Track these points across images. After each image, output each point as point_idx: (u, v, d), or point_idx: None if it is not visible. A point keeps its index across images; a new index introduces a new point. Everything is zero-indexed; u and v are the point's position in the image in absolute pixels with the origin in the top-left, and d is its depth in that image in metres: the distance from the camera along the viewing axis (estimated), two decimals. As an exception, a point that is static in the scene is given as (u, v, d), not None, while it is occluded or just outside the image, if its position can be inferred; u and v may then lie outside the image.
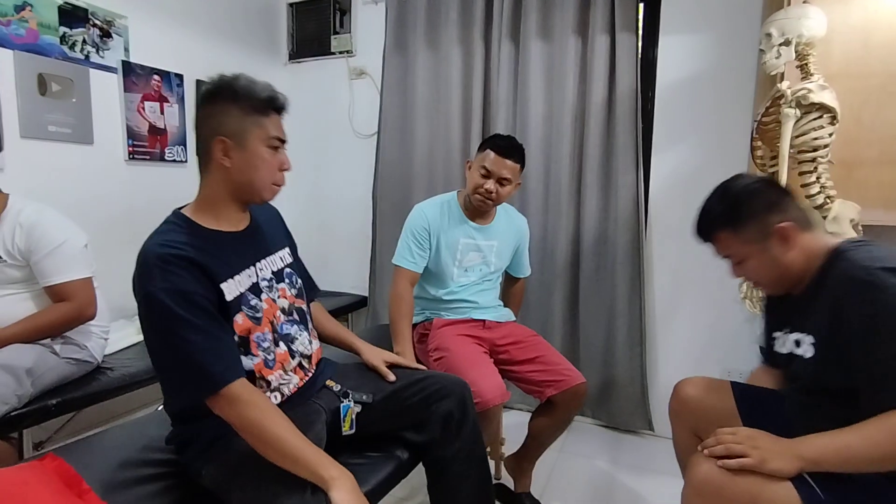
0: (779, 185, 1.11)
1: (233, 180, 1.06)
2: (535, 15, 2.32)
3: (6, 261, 1.51)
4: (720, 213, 1.11)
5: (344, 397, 1.23)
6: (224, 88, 1.04)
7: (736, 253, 1.12)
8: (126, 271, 2.35)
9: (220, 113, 1.04)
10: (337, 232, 2.99)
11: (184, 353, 0.94)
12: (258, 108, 1.05)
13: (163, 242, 0.98)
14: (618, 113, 2.23)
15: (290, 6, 2.97)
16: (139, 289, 0.97)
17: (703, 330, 2.27)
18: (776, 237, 1.06)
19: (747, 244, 1.09)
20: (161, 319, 0.95)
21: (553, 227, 2.39)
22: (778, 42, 1.57)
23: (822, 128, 1.55)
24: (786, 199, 1.09)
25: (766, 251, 1.07)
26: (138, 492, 1.05)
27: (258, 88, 1.05)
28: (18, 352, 1.47)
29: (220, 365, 0.96)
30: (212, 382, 0.95)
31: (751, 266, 1.11)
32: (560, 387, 1.61)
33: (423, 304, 1.83)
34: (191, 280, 0.97)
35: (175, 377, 0.99)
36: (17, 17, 1.85)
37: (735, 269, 1.15)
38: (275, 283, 1.17)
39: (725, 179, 1.16)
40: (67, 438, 1.75)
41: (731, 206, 1.10)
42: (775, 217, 1.06)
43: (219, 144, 1.03)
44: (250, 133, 1.04)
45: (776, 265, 1.08)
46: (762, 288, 1.18)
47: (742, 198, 1.09)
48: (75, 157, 2.05)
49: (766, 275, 1.12)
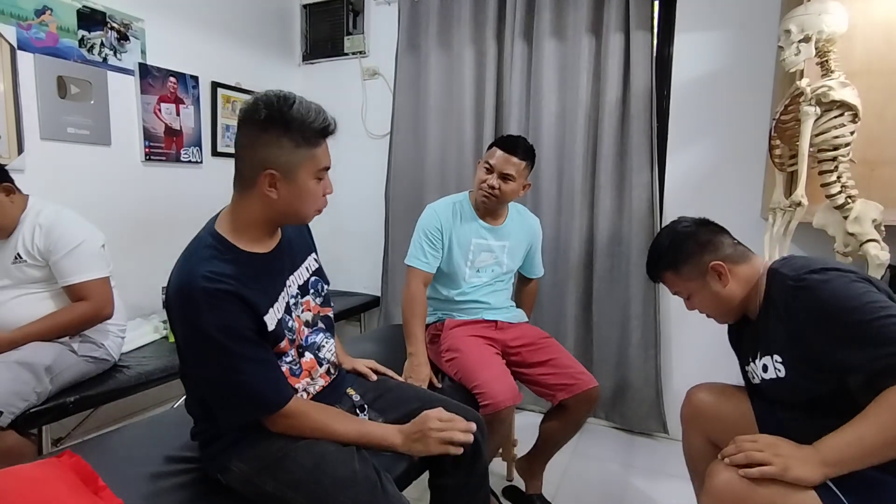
0: (713, 224, 1.24)
1: (276, 210, 1.03)
2: (549, 14, 2.31)
3: (26, 261, 1.54)
4: (661, 256, 1.25)
5: (360, 410, 1.24)
6: (276, 118, 0.96)
7: (682, 290, 1.24)
8: (142, 271, 2.39)
9: (270, 143, 0.97)
10: (350, 232, 3.00)
11: (238, 382, 0.98)
12: (311, 141, 0.99)
13: (207, 275, 0.95)
14: (632, 112, 2.21)
15: (303, 7, 2.99)
16: (183, 320, 0.97)
17: (719, 332, 2.19)
18: (712, 273, 1.17)
19: (689, 282, 1.21)
20: (213, 353, 0.96)
21: (566, 227, 2.37)
22: (797, 39, 1.54)
23: (843, 126, 1.52)
24: (717, 239, 1.20)
25: (706, 287, 1.18)
26: (154, 489, 1.06)
27: (311, 117, 0.98)
28: (38, 350, 1.50)
29: (273, 391, 1.02)
30: (267, 407, 1.02)
31: (697, 301, 1.23)
32: (572, 390, 1.60)
33: (435, 305, 1.82)
34: (239, 314, 0.97)
35: (229, 402, 1.02)
36: (37, 21, 1.88)
37: (687, 303, 1.27)
38: (300, 297, 1.18)
39: (670, 222, 1.30)
40: (85, 435, 1.78)
41: (669, 249, 1.23)
42: (708, 256, 1.18)
43: (266, 177, 0.98)
44: (301, 167, 0.99)
45: (718, 298, 1.18)
46: (715, 319, 1.26)
47: (677, 241, 1.22)
48: (93, 158, 2.08)
49: (712, 307, 1.22)
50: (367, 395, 1.30)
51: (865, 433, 0.91)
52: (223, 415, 1.04)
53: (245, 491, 1.06)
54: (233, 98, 2.63)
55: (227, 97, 2.60)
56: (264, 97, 0.97)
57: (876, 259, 1.48)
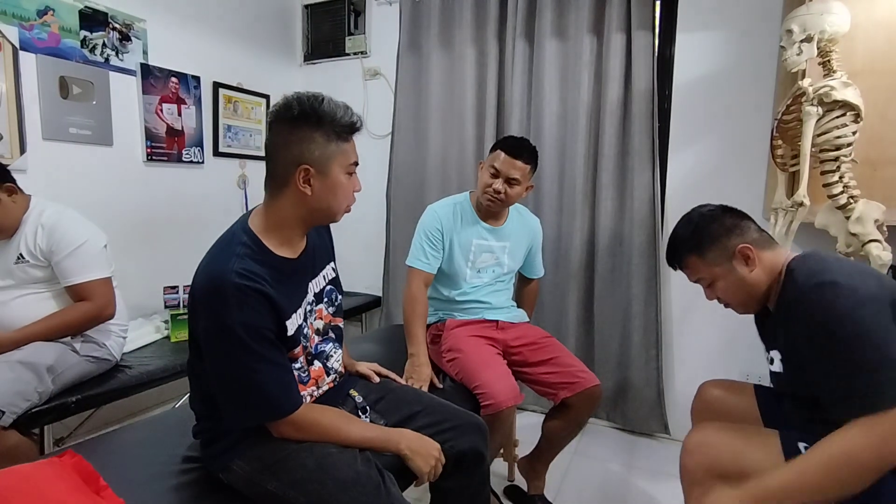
0: (736, 210, 1.20)
1: (310, 206, 1.05)
2: (550, 14, 2.31)
3: (28, 261, 1.54)
4: (685, 240, 1.20)
5: (363, 412, 1.24)
6: (308, 114, 1.00)
7: (705, 276, 1.19)
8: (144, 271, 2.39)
9: (303, 139, 1.00)
10: (351, 232, 2.99)
11: (254, 382, 0.98)
12: (342, 135, 1.03)
13: (240, 272, 0.96)
14: (634, 112, 2.20)
15: (305, 8, 3.00)
16: (209, 312, 0.97)
17: (720, 332, 2.23)
18: (738, 258, 1.13)
19: (713, 266, 1.16)
20: (236, 350, 0.96)
21: (567, 227, 2.37)
22: (799, 38, 1.53)
23: (845, 126, 1.52)
24: (744, 223, 1.17)
25: (732, 272, 1.14)
26: (155, 488, 1.06)
27: (340, 112, 1.02)
28: (40, 349, 1.50)
29: (286, 396, 1.03)
30: (278, 412, 1.02)
31: (721, 287, 1.18)
32: (574, 389, 1.60)
33: (436, 305, 1.82)
34: (265, 314, 0.98)
35: (240, 401, 1.01)
36: (39, 21, 1.89)
37: (707, 291, 1.22)
38: (314, 304, 1.18)
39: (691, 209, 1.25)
40: (87, 435, 1.78)
41: (694, 232, 1.18)
42: (735, 240, 1.14)
43: (301, 173, 1.01)
44: (333, 161, 1.03)
45: (743, 284, 1.14)
46: (734, 309, 1.22)
47: (702, 224, 1.18)
48: (95, 158, 2.09)
49: (735, 294, 1.17)
50: (370, 397, 1.30)
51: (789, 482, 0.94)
52: (231, 414, 1.03)
53: (247, 491, 1.06)
54: (234, 98, 2.64)
55: (229, 97, 2.61)
56: (295, 96, 1.01)
57: (878, 259, 1.47)
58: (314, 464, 1.02)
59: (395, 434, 1.13)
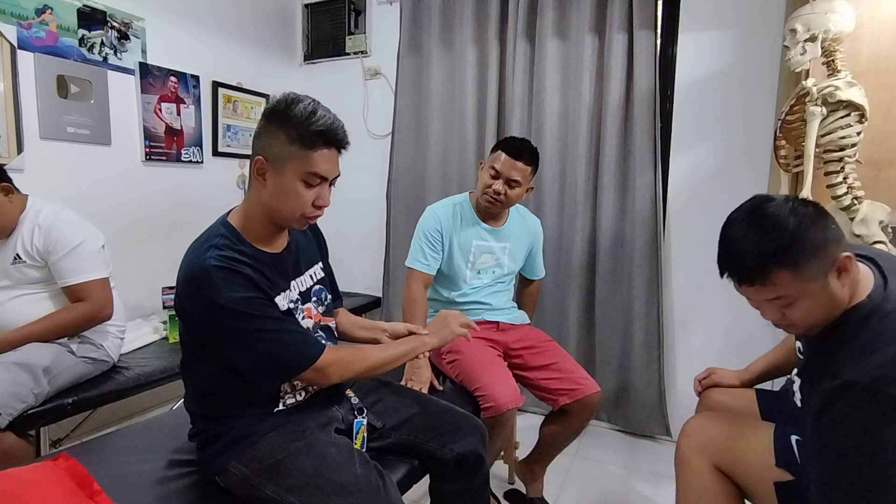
0: (819, 205, 0.93)
1: (264, 202, 1.05)
2: (551, 13, 2.29)
3: (25, 261, 1.53)
4: (779, 250, 0.88)
5: (359, 413, 1.23)
6: (279, 112, 1.00)
7: (790, 294, 0.91)
8: (142, 271, 2.38)
9: (269, 134, 1.01)
10: (351, 233, 2.99)
11: (270, 346, 1.00)
12: (305, 141, 1.00)
13: (219, 257, 0.98)
14: (635, 112, 2.19)
15: (305, 7, 2.98)
16: (197, 301, 0.98)
17: (722, 334, 2.22)
18: (834, 271, 0.89)
19: (807, 282, 0.89)
20: (239, 323, 0.97)
21: (568, 228, 2.36)
22: (803, 38, 1.52)
23: (849, 126, 1.50)
24: (837, 225, 0.92)
25: (825, 289, 0.89)
26: (150, 492, 1.05)
27: (312, 120, 0.99)
28: (36, 350, 1.48)
29: (306, 345, 1.05)
30: (306, 360, 1.03)
31: (802, 307, 0.91)
32: (574, 395, 1.58)
33: (435, 307, 1.81)
34: (251, 290, 1.00)
35: (265, 367, 1.03)
36: (37, 20, 1.87)
37: (776, 312, 0.94)
38: (300, 304, 1.17)
39: (750, 203, 0.96)
40: (84, 436, 1.77)
41: (792, 241, 0.87)
42: (834, 248, 0.88)
43: (257, 163, 1.02)
44: (288, 163, 1.00)
45: (831, 303, 0.91)
46: (795, 331, 1.01)
47: (802, 228, 0.88)
48: (93, 157, 2.07)
49: (816, 315, 0.93)
50: (367, 399, 1.28)
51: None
52: (261, 381, 1.06)
53: (243, 494, 1.05)
54: (234, 98, 2.62)
55: (228, 97, 2.59)
56: (283, 95, 1.02)
57: (883, 261, 1.46)
58: (312, 467, 1.01)
59: (415, 342, 1.22)
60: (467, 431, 1.23)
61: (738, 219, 0.94)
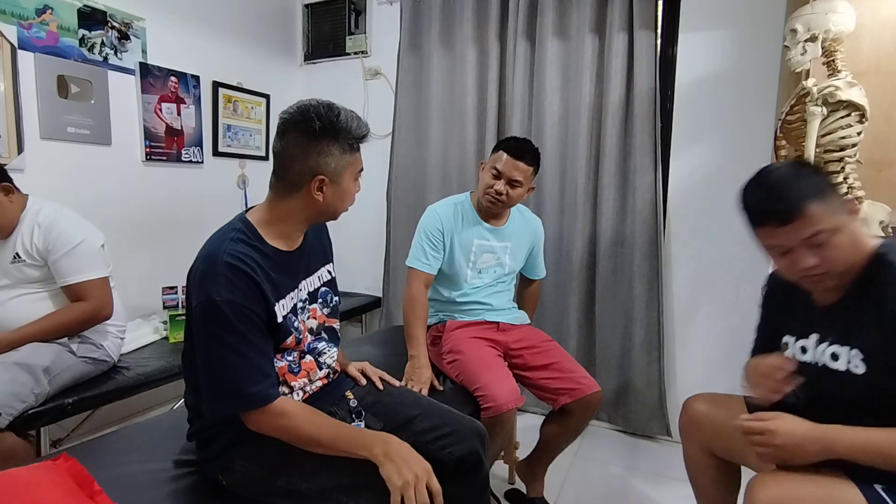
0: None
1: (318, 209, 1.09)
2: (552, 13, 2.29)
3: (24, 260, 1.53)
4: (804, 187, 0.95)
5: (357, 416, 1.22)
6: (327, 128, 1.03)
7: (828, 227, 0.93)
8: (142, 271, 2.38)
9: (321, 153, 1.04)
10: (351, 232, 2.98)
11: (232, 363, 0.97)
12: (354, 147, 1.08)
13: (232, 253, 0.99)
14: (636, 112, 2.19)
15: (305, 7, 2.99)
16: (200, 290, 0.98)
17: (723, 333, 2.22)
18: (848, 208, 0.96)
19: (836, 215, 0.94)
20: (218, 327, 0.97)
21: (569, 228, 2.35)
22: (804, 38, 1.52)
23: (849, 126, 1.50)
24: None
25: (848, 225, 0.96)
26: (151, 493, 1.05)
27: (354, 125, 1.06)
28: (36, 350, 1.48)
29: (265, 383, 1.00)
30: (254, 400, 0.99)
31: (835, 243, 0.94)
32: (575, 395, 1.58)
33: (436, 306, 1.81)
34: (252, 297, 0.99)
35: (218, 385, 1.00)
36: (38, 20, 1.87)
37: (813, 255, 0.95)
38: (308, 304, 1.18)
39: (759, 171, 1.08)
40: (84, 436, 1.77)
41: (816, 178, 0.97)
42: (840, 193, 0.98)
43: (317, 183, 1.05)
44: (346, 171, 1.08)
45: (855, 242, 0.96)
46: (817, 280, 1.00)
47: (811, 171, 1.00)
48: (93, 157, 2.07)
49: (846, 253, 0.96)
50: (366, 400, 1.28)
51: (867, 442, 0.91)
52: (208, 400, 1.01)
53: (250, 491, 1.05)
54: (234, 98, 2.62)
55: (229, 97, 2.59)
56: (313, 108, 1.03)
57: (883, 261, 1.45)
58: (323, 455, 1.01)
59: (372, 436, 1.02)
60: (466, 434, 1.23)
61: (761, 177, 1.05)
